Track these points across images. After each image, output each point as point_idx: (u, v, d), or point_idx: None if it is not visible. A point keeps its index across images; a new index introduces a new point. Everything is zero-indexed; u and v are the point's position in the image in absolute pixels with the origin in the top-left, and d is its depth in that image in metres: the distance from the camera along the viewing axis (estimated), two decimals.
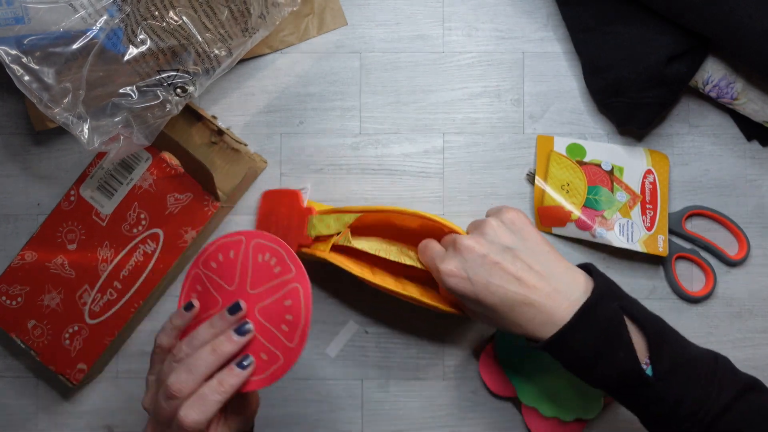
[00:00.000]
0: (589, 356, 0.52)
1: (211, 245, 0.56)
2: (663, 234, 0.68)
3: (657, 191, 0.69)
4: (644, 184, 0.69)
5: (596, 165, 0.70)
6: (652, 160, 0.70)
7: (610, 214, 0.69)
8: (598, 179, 0.69)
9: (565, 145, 0.70)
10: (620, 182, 0.69)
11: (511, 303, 0.54)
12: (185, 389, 0.49)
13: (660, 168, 0.70)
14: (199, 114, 0.69)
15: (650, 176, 0.70)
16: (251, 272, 0.54)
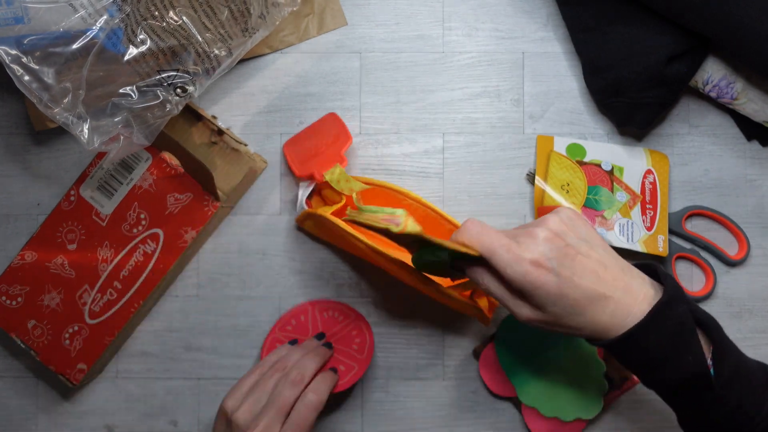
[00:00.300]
0: (659, 357, 0.50)
1: (284, 316, 0.70)
2: (663, 234, 0.68)
3: (657, 191, 0.69)
4: (644, 184, 0.70)
5: (596, 165, 0.70)
6: (652, 160, 0.70)
7: (610, 214, 0.69)
8: (598, 179, 0.69)
9: (565, 145, 0.70)
10: (620, 182, 0.69)
11: (591, 298, 0.51)
12: (307, 376, 0.61)
13: (660, 168, 0.70)
14: (199, 114, 0.68)
15: (650, 176, 0.70)
16: (321, 325, 0.69)
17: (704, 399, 0.51)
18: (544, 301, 0.51)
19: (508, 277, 0.51)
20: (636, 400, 0.70)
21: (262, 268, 0.71)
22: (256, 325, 0.71)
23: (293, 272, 0.71)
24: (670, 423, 0.69)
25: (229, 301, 0.71)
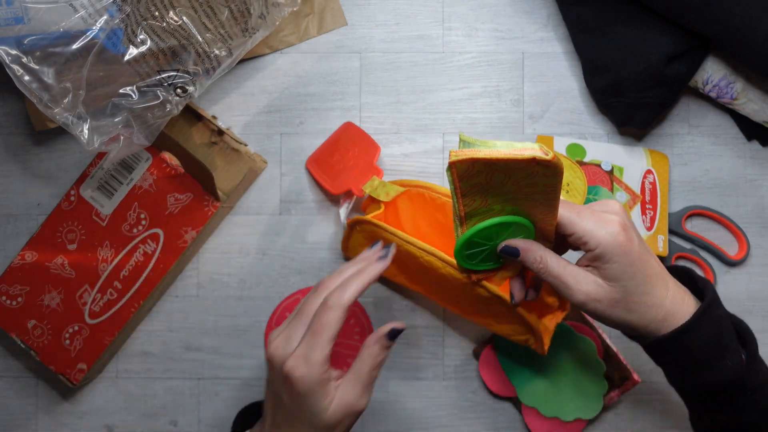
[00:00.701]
0: (701, 359, 0.50)
1: (280, 305, 0.70)
2: (663, 234, 0.68)
3: (657, 191, 0.69)
4: (644, 184, 0.70)
5: (596, 165, 0.70)
6: (652, 160, 0.70)
7: None
8: (598, 179, 0.69)
9: (565, 145, 0.70)
10: (620, 182, 0.69)
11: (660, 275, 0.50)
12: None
13: (660, 168, 0.70)
14: (199, 114, 0.68)
15: (650, 176, 0.70)
16: None
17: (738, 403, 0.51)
18: (623, 270, 0.49)
19: (597, 239, 0.49)
20: (636, 400, 0.70)
21: (262, 268, 0.71)
22: (256, 325, 0.71)
23: (293, 272, 0.71)
24: (670, 423, 0.70)
25: (229, 301, 0.71)
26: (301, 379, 0.50)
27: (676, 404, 0.69)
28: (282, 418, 0.52)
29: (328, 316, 0.51)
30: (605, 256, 0.49)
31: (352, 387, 0.52)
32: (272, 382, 0.53)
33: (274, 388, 0.52)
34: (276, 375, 0.52)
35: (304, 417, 0.51)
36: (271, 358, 0.52)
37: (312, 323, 0.51)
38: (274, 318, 0.70)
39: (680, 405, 0.69)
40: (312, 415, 0.51)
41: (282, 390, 0.51)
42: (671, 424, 0.70)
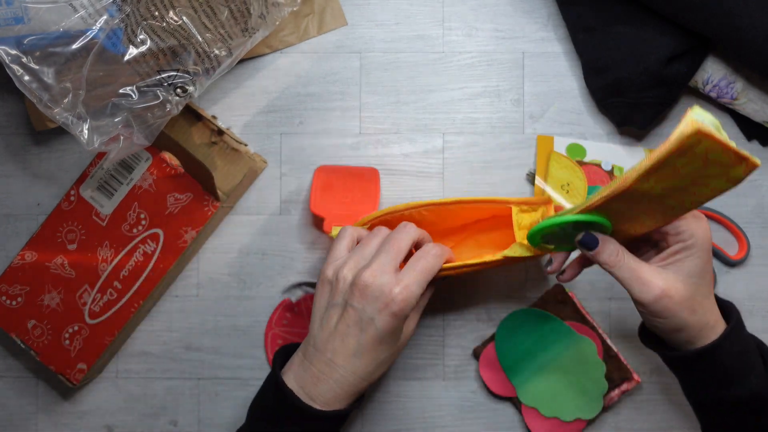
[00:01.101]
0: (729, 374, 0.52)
1: (276, 310, 0.70)
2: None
3: None
4: None
5: (596, 165, 0.70)
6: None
7: None
8: (599, 179, 0.69)
9: (565, 145, 0.70)
10: None
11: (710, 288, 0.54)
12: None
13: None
14: (199, 114, 0.68)
15: None
16: None
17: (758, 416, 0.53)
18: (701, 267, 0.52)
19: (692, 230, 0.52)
20: (636, 400, 0.70)
21: (262, 268, 0.71)
22: (256, 325, 0.71)
23: (293, 272, 0.71)
24: (670, 423, 0.70)
25: (229, 301, 0.71)
26: (405, 306, 0.55)
27: (676, 404, 0.69)
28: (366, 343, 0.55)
29: (432, 261, 0.57)
30: (693, 249, 0.52)
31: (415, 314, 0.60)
32: (356, 308, 0.55)
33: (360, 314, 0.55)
34: (370, 300, 0.55)
35: (390, 340, 0.56)
36: (366, 284, 0.55)
37: (415, 262, 0.57)
38: (273, 318, 0.70)
39: (680, 405, 0.69)
40: (396, 339, 0.57)
41: (377, 315, 0.54)
42: (671, 424, 0.70)
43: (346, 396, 0.56)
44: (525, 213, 0.63)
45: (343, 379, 0.56)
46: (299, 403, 0.55)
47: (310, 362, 0.57)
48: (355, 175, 0.69)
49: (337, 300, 0.56)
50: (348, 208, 0.68)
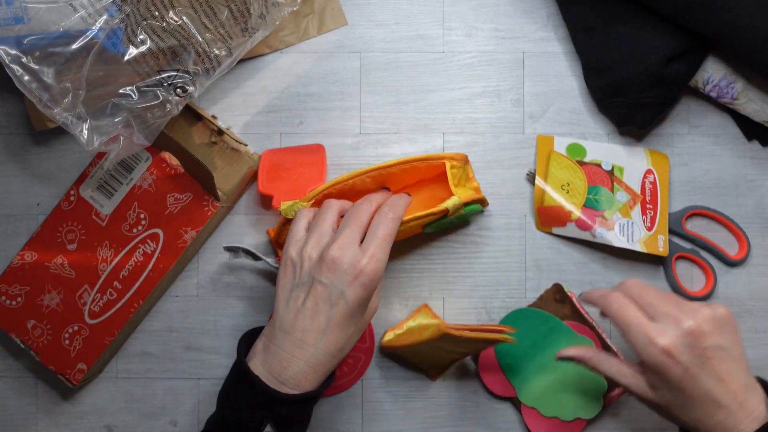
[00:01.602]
0: None
1: None
2: (663, 234, 0.68)
3: (657, 191, 0.69)
4: (644, 184, 0.69)
5: (596, 165, 0.70)
6: (652, 160, 0.70)
7: (610, 214, 0.68)
8: (599, 179, 0.69)
9: (565, 145, 0.70)
10: (620, 182, 0.69)
11: (706, 402, 0.53)
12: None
13: (660, 168, 0.70)
14: (199, 114, 0.68)
15: (650, 176, 0.70)
16: None
17: None
18: (661, 385, 0.54)
19: (638, 352, 0.55)
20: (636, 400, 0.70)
21: (262, 267, 0.71)
22: (256, 324, 0.71)
23: None
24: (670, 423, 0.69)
25: (229, 301, 0.71)
26: (375, 276, 0.55)
27: None
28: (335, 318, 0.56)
29: (390, 225, 0.58)
30: (648, 370, 0.55)
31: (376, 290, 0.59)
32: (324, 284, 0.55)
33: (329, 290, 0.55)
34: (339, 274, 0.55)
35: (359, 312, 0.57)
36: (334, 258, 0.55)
37: (374, 230, 0.57)
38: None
39: None
40: (363, 311, 0.57)
41: (348, 288, 0.55)
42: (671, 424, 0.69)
43: (316, 376, 0.56)
44: (455, 169, 0.66)
45: (314, 359, 0.55)
46: (268, 390, 0.54)
47: (277, 346, 0.56)
48: (300, 152, 0.70)
49: (303, 279, 0.56)
50: (295, 184, 0.68)
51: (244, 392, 0.56)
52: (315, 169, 0.69)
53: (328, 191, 0.65)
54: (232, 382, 0.57)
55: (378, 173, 0.65)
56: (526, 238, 0.71)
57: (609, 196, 0.69)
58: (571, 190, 0.69)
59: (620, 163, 0.70)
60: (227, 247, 0.67)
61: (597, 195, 0.69)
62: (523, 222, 0.71)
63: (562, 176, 0.69)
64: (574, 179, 0.69)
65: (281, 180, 0.69)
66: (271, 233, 0.69)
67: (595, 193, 0.69)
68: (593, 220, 0.68)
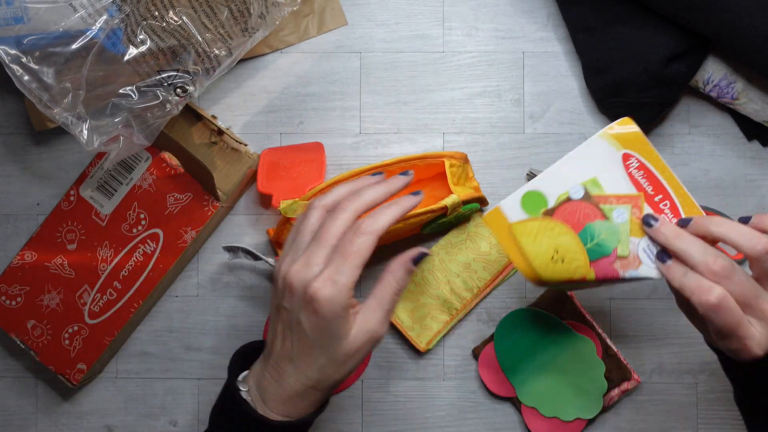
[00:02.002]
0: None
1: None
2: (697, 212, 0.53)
3: (653, 172, 0.54)
4: (632, 176, 0.54)
5: (566, 201, 0.54)
6: (619, 142, 0.54)
7: (624, 248, 0.53)
8: (582, 216, 0.53)
9: (517, 204, 0.54)
10: (606, 198, 0.53)
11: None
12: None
13: (637, 145, 0.54)
14: (199, 114, 0.68)
15: (632, 160, 0.54)
16: None
17: None
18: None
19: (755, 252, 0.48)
20: (636, 400, 0.70)
21: (262, 268, 0.71)
22: (256, 325, 0.71)
23: None
24: (670, 423, 0.70)
25: (229, 301, 0.71)
26: (328, 302, 0.48)
27: (676, 404, 0.69)
28: (297, 346, 0.50)
29: (360, 241, 0.49)
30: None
31: (373, 313, 0.50)
32: (287, 309, 0.50)
33: (290, 316, 0.50)
34: (295, 299, 0.50)
35: (324, 343, 0.50)
36: (291, 282, 0.49)
37: (341, 247, 0.49)
38: None
39: (681, 405, 0.69)
40: (333, 341, 0.50)
41: (302, 314, 0.49)
42: (671, 424, 0.70)
43: (298, 405, 0.52)
44: (454, 167, 0.66)
45: (288, 386, 0.51)
46: (254, 414, 0.51)
47: (264, 366, 0.53)
48: (299, 150, 0.70)
49: (276, 301, 0.52)
50: (295, 182, 0.68)
51: (231, 413, 0.53)
52: (314, 168, 0.69)
53: (327, 190, 0.65)
54: (222, 401, 0.54)
55: None
56: None
57: (608, 228, 0.53)
58: (564, 257, 0.53)
59: (589, 175, 0.53)
60: (227, 247, 0.67)
61: (595, 238, 0.53)
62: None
63: (542, 248, 0.54)
64: (557, 241, 0.53)
65: (280, 179, 0.68)
66: (271, 233, 0.69)
67: (592, 237, 0.53)
68: (611, 270, 0.53)
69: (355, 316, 0.50)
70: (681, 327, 0.70)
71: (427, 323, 0.68)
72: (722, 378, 0.70)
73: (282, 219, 0.66)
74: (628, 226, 0.52)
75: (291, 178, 0.69)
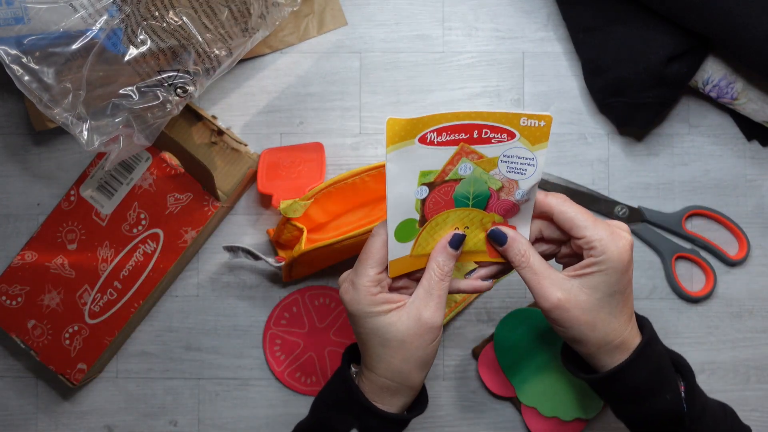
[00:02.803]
0: (642, 392, 0.52)
1: (275, 310, 0.71)
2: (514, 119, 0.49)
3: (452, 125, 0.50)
4: (438, 143, 0.50)
5: (422, 205, 0.51)
6: (399, 141, 0.51)
7: (493, 182, 0.51)
8: (444, 196, 0.52)
9: (396, 243, 0.52)
10: (443, 172, 0.51)
11: (629, 302, 0.52)
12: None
13: (418, 126, 0.51)
14: (199, 114, 0.69)
15: (428, 136, 0.51)
16: (315, 314, 0.70)
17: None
18: (609, 285, 0.50)
19: (606, 248, 0.49)
20: None
21: (262, 268, 0.71)
22: (256, 325, 0.71)
23: None
24: None
25: (229, 301, 0.71)
26: (351, 303, 0.52)
27: None
28: (361, 348, 0.54)
29: (370, 243, 0.52)
30: (603, 266, 0.50)
31: (422, 301, 0.52)
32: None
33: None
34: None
35: (374, 342, 0.52)
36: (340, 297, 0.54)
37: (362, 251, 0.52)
38: (272, 317, 0.70)
39: None
40: (381, 339, 0.52)
41: (350, 321, 0.54)
42: None
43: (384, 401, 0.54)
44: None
45: (373, 383, 0.54)
46: (361, 399, 0.53)
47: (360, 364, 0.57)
48: (299, 150, 0.70)
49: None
50: (295, 182, 0.68)
51: (340, 396, 0.55)
52: (314, 168, 0.69)
53: (327, 190, 0.65)
54: (332, 385, 0.57)
55: (378, 172, 0.65)
56: None
57: (468, 182, 0.51)
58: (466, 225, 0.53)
59: (414, 178, 0.51)
60: (227, 247, 0.67)
61: (468, 196, 0.52)
62: None
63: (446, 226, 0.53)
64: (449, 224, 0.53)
65: (280, 179, 0.69)
66: (271, 233, 0.69)
67: (466, 198, 0.52)
68: (505, 202, 0.52)
69: (399, 310, 0.52)
70: (680, 327, 0.70)
71: None
72: (722, 378, 0.70)
73: (282, 219, 0.66)
74: (479, 169, 0.51)
75: (291, 178, 0.69)
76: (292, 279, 0.69)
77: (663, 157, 0.71)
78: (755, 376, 0.70)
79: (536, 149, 0.50)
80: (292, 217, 0.64)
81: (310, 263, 0.67)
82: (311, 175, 0.69)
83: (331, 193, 0.66)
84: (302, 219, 0.66)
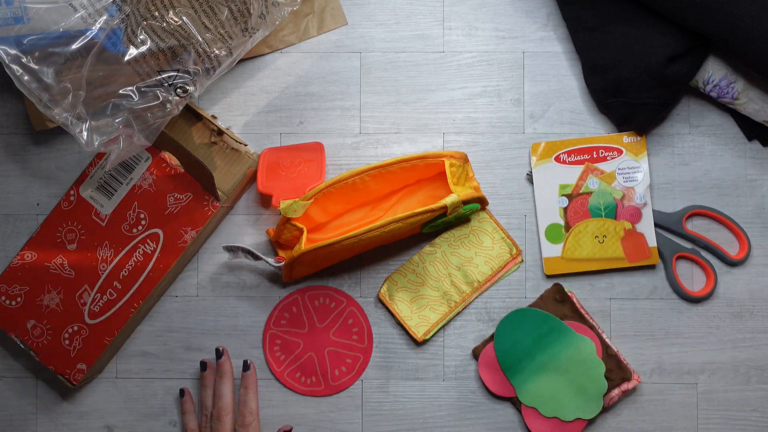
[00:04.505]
0: None
1: (275, 310, 0.71)
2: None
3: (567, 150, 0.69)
4: (564, 160, 0.70)
5: (565, 213, 0.70)
6: (539, 153, 0.72)
7: (617, 193, 0.69)
8: (580, 209, 0.70)
9: (548, 243, 0.70)
10: (577, 186, 0.70)
11: None
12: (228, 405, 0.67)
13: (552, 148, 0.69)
14: (199, 114, 0.68)
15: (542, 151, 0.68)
16: (315, 314, 0.70)
17: None
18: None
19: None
20: (636, 400, 0.70)
21: (262, 268, 0.71)
22: (256, 325, 0.71)
23: None
24: (670, 423, 0.70)
25: (229, 301, 0.71)
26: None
27: (676, 404, 0.69)
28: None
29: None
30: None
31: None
32: None
33: None
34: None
35: None
36: None
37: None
38: (272, 318, 0.70)
39: (681, 405, 0.69)
40: None
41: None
42: (671, 424, 0.70)
43: None
44: (454, 167, 0.66)
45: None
46: None
47: None
48: (299, 150, 0.70)
49: None
50: (295, 182, 0.68)
51: None
52: (314, 168, 0.69)
53: (327, 190, 0.65)
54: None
55: (377, 172, 0.66)
56: (525, 238, 0.71)
57: (597, 196, 0.70)
58: (602, 234, 0.69)
59: (554, 190, 0.70)
60: (227, 247, 0.67)
61: (600, 207, 0.69)
62: (523, 222, 0.71)
63: (587, 244, 0.69)
64: (588, 232, 0.70)
65: (280, 179, 0.69)
66: (271, 233, 0.69)
67: (598, 209, 0.69)
68: (630, 208, 0.69)
69: None
70: (681, 327, 0.70)
71: (426, 314, 0.69)
72: (722, 378, 0.70)
73: (282, 219, 0.66)
74: (603, 183, 0.69)
75: (291, 178, 0.69)
76: (292, 279, 0.69)
77: (663, 157, 0.71)
78: (756, 376, 0.70)
79: (640, 158, 0.69)
80: (292, 217, 0.64)
81: (310, 263, 0.67)
82: (311, 175, 0.69)
83: (331, 193, 0.66)
84: (302, 219, 0.66)
